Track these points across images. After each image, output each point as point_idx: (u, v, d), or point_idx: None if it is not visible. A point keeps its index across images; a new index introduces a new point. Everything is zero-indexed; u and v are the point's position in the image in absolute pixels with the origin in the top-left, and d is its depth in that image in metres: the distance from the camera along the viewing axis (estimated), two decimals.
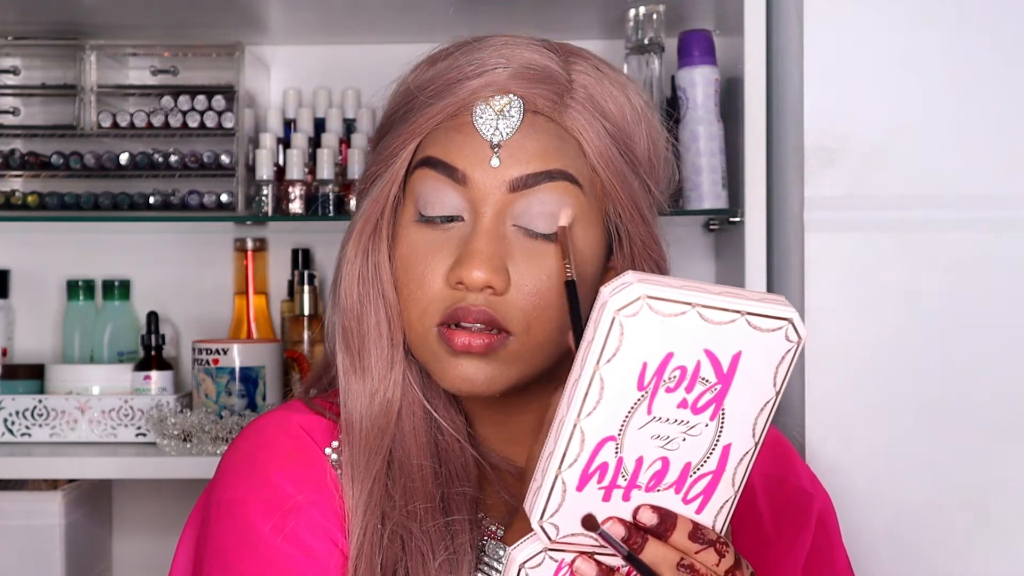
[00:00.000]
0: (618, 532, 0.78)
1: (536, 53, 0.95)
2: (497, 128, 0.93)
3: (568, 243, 0.92)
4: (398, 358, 0.97)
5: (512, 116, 0.94)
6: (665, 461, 0.77)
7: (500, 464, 0.99)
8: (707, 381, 0.75)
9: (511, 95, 0.94)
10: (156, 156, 1.71)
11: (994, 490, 1.37)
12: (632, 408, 0.75)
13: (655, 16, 1.61)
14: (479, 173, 0.92)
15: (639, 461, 0.77)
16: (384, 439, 0.96)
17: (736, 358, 0.75)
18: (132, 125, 1.71)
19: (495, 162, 0.93)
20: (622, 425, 0.76)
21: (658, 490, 0.78)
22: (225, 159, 1.70)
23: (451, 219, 0.93)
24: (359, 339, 0.97)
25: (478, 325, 0.91)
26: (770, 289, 1.50)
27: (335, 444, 0.98)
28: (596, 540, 0.79)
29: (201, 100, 1.71)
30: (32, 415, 1.68)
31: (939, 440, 1.37)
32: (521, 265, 0.92)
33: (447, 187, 0.93)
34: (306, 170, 1.72)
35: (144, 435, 1.67)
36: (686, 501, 0.79)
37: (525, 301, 0.92)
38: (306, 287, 1.80)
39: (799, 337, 0.75)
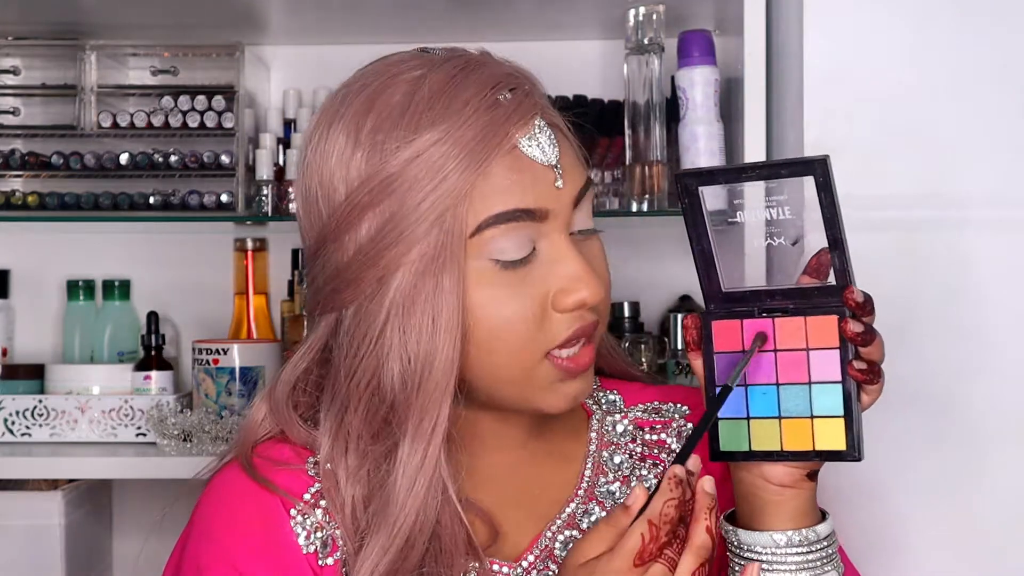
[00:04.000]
0: None
1: (507, 67, 0.96)
2: (545, 150, 0.92)
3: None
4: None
5: (548, 131, 0.94)
6: None
7: (467, 507, 0.98)
8: None
9: (535, 117, 0.93)
10: (156, 156, 1.71)
11: (993, 490, 1.37)
12: None
13: (655, 16, 1.61)
14: (552, 202, 0.92)
15: None
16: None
17: None
18: (132, 125, 1.71)
19: (560, 183, 0.93)
20: None
21: None
22: (225, 159, 1.70)
23: (530, 254, 0.93)
24: (419, 416, 0.92)
25: (582, 340, 0.94)
26: None
27: (313, 489, 0.98)
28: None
29: (201, 100, 1.71)
30: (32, 415, 1.68)
31: (938, 440, 1.37)
32: (593, 266, 0.94)
33: (526, 228, 0.91)
34: None
35: (144, 435, 1.67)
36: None
37: (608, 293, 0.96)
38: (306, 287, 1.79)
39: None
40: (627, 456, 1.04)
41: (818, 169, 0.84)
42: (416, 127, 0.90)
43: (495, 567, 0.97)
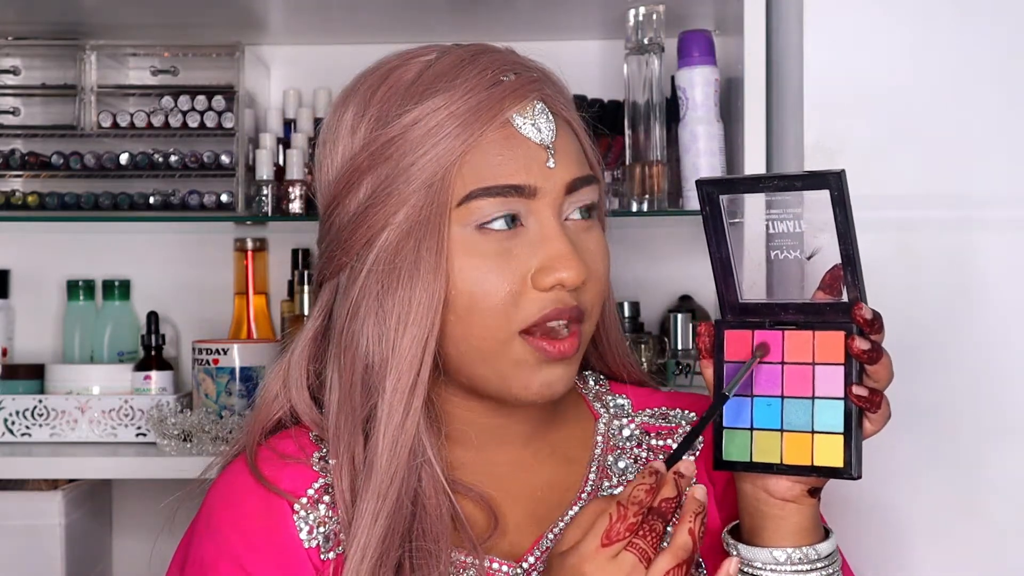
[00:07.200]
0: None
1: (523, 58, 0.98)
2: (541, 130, 0.94)
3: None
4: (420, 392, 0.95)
5: (548, 114, 0.95)
6: None
7: (464, 492, 0.99)
8: None
9: (535, 100, 0.95)
10: (156, 156, 1.71)
11: (988, 489, 1.37)
12: None
13: (655, 16, 1.61)
14: (541, 180, 0.93)
15: None
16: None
17: None
18: (132, 125, 1.71)
19: (552, 163, 0.94)
20: None
21: None
22: (225, 159, 1.70)
23: (513, 225, 0.94)
24: (396, 375, 0.94)
25: (562, 322, 0.93)
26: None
27: (316, 484, 0.98)
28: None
29: (201, 100, 1.71)
30: (32, 415, 1.68)
31: (937, 440, 1.37)
32: (586, 254, 0.95)
33: (513, 204, 0.93)
34: (306, 170, 1.72)
35: (144, 435, 1.67)
36: None
37: (598, 286, 0.96)
38: (306, 287, 1.80)
39: None
40: (632, 461, 1.04)
41: (833, 183, 0.85)
42: (420, 98, 0.94)
43: (496, 565, 0.97)
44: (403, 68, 0.97)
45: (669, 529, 0.87)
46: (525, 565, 0.98)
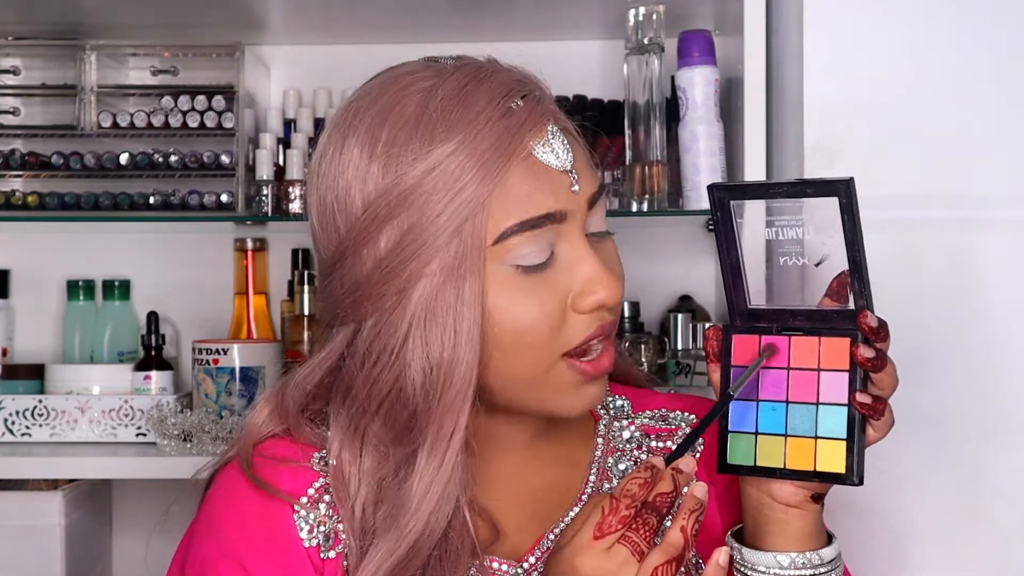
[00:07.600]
0: None
1: (516, 73, 0.96)
2: (559, 155, 0.93)
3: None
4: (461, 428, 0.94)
5: (560, 136, 0.94)
6: None
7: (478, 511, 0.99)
8: None
9: (550, 122, 0.94)
10: (156, 156, 1.71)
11: (992, 493, 1.37)
12: None
13: (655, 16, 1.61)
14: (568, 204, 0.93)
15: None
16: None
17: None
18: (132, 125, 1.71)
19: (576, 188, 0.93)
20: None
21: None
22: (225, 159, 1.70)
23: (547, 255, 0.93)
24: (437, 425, 0.92)
25: (598, 339, 0.94)
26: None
27: (317, 484, 0.98)
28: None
29: (201, 100, 1.71)
30: (32, 415, 1.68)
31: (939, 443, 1.37)
32: (607, 263, 0.95)
33: (547, 233, 0.92)
34: (306, 170, 1.72)
35: (144, 435, 1.67)
36: None
37: (621, 294, 0.96)
38: (306, 287, 1.79)
39: None
40: (632, 463, 1.04)
41: (842, 190, 0.85)
42: (431, 139, 0.90)
43: (496, 564, 0.98)
44: (402, 102, 0.92)
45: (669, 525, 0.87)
46: (526, 565, 0.98)
